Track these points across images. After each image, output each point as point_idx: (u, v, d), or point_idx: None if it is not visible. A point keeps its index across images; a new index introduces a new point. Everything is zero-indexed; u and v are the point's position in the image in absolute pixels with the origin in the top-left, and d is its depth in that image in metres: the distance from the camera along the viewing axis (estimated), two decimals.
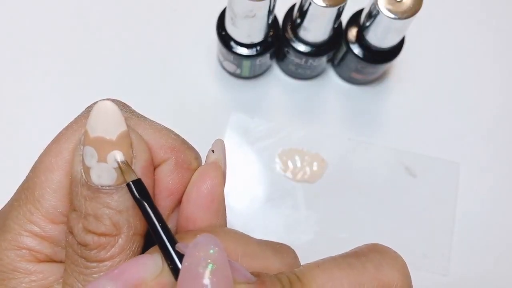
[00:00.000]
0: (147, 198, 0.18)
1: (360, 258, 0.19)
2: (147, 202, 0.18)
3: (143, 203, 0.18)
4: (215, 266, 0.16)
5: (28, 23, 0.46)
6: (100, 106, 0.19)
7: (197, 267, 0.16)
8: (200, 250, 0.16)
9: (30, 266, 0.20)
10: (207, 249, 0.16)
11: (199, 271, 0.16)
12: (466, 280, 0.43)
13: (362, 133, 0.46)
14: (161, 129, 0.22)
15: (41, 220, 0.20)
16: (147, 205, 0.18)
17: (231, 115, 0.45)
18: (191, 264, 0.16)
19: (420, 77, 0.48)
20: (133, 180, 0.18)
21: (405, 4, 0.36)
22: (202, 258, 0.16)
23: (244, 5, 0.35)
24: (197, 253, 0.16)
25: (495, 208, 0.45)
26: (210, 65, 0.46)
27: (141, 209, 0.18)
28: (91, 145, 0.18)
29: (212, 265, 0.16)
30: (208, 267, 0.16)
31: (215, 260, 0.16)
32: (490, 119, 0.47)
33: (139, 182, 0.18)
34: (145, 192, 0.18)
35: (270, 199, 0.43)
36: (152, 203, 0.18)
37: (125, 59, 0.46)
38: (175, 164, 0.21)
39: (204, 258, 0.16)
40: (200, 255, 0.16)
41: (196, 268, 0.16)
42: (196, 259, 0.16)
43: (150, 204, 0.18)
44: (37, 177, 0.20)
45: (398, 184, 0.45)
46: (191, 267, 0.16)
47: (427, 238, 0.44)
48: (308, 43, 0.41)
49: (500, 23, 0.50)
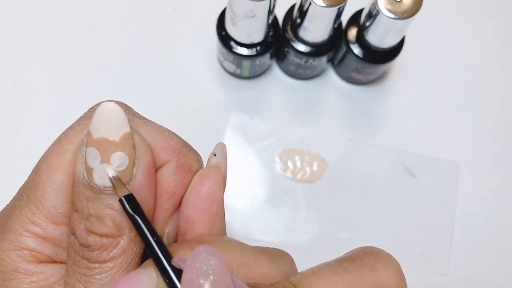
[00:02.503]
0: (140, 213, 0.18)
1: (355, 262, 0.19)
2: (140, 217, 0.18)
3: (135, 218, 0.18)
4: (216, 277, 0.16)
5: (29, 23, 0.46)
6: (103, 107, 0.19)
7: (198, 278, 0.16)
8: (200, 261, 0.16)
9: (31, 267, 0.20)
10: (208, 260, 0.16)
11: (201, 282, 0.16)
12: (466, 280, 0.43)
13: (362, 133, 0.46)
14: (163, 131, 0.22)
15: (42, 220, 0.20)
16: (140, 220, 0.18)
17: (231, 115, 0.45)
18: (192, 276, 0.16)
19: (420, 77, 0.48)
20: (125, 195, 0.18)
21: (405, 4, 0.36)
22: (203, 269, 0.16)
23: (244, 5, 0.35)
24: (197, 264, 0.16)
25: (495, 208, 0.45)
26: (210, 65, 0.46)
27: (134, 224, 0.18)
28: (94, 146, 0.18)
29: (213, 276, 0.16)
30: (209, 277, 0.16)
31: (216, 271, 0.16)
32: (490, 119, 0.47)
33: (131, 197, 0.18)
34: (137, 206, 0.18)
35: (270, 199, 0.43)
36: (145, 217, 0.18)
37: (125, 59, 0.46)
38: (176, 166, 0.21)
39: (205, 269, 0.16)
40: (200, 266, 0.16)
41: (198, 279, 0.16)
42: (197, 270, 0.16)
43: (144, 218, 0.18)
44: (39, 178, 0.20)
45: (398, 184, 0.45)
46: (193, 278, 0.16)
47: (427, 238, 0.44)
48: (308, 43, 0.41)
49: (500, 23, 0.50)
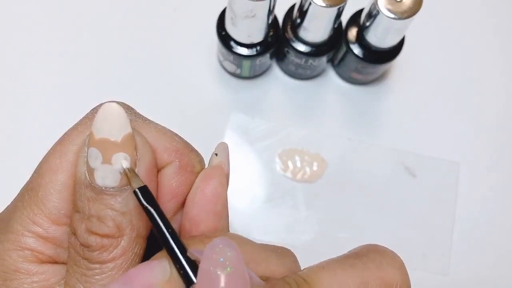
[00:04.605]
0: (154, 205, 0.18)
1: (361, 258, 0.19)
2: (154, 209, 0.18)
3: (150, 210, 0.18)
4: (233, 269, 0.16)
5: (29, 23, 0.46)
6: (105, 108, 0.19)
7: (215, 269, 0.16)
8: (217, 252, 0.16)
9: (32, 267, 0.20)
10: (225, 252, 0.16)
11: (217, 273, 0.16)
12: (466, 280, 0.43)
13: (362, 133, 0.46)
14: (166, 132, 0.22)
15: (44, 221, 0.20)
16: (154, 211, 0.18)
17: (231, 115, 0.45)
18: (209, 266, 0.16)
19: (420, 77, 0.48)
20: (139, 187, 0.18)
21: (405, 4, 0.36)
22: (220, 260, 0.16)
23: (244, 5, 0.35)
24: (214, 256, 0.16)
25: (495, 208, 0.45)
26: (210, 65, 0.46)
27: (149, 215, 0.18)
28: (96, 147, 0.18)
29: (230, 267, 0.16)
30: (226, 269, 0.16)
31: (232, 262, 0.16)
32: (490, 119, 0.48)
33: (145, 188, 0.18)
34: (152, 198, 0.18)
35: (270, 199, 0.43)
36: (159, 209, 0.18)
37: (125, 59, 0.46)
38: (179, 167, 0.21)
39: (222, 260, 0.16)
40: (218, 257, 0.16)
41: (214, 270, 0.16)
42: (214, 262, 0.16)
43: (158, 210, 0.18)
44: (41, 178, 0.20)
45: (398, 184, 0.45)
46: (210, 269, 0.16)
47: (427, 238, 0.44)
48: (308, 43, 0.41)
49: (500, 23, 0.51)
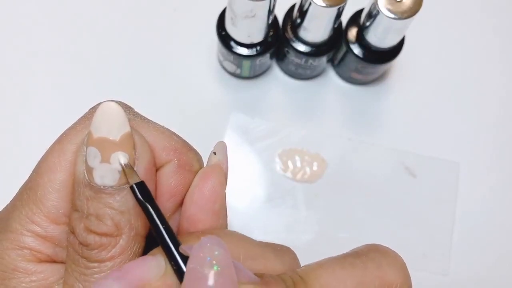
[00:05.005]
0: (150, 200, 0.18)
1: (361, 258, 0.19)
2: (150, 204, 0.18)
3: (146, 205, 0.18)
4: (220, 268, 0.16)
5: (29, 23, 0.46)
6: (104, 107, 0.19)
7: (202, 268, 0.16)
8: (205, 251, 0.16)
9: (31, 266, 0.20)
10: (212, 251, 0.16)
11: (204, 272, 0.16)
12: (466, 280, 0.43)
13: (362, 133, 0.46)
14: (164, 131, 0.22)
15: (43, 220, 0.20)
16: (150, 207, 0.18)
17: (231, 115, 0.45)
18: (196, 265, 0.16)
19: (420, 77, 0.48)
20: (136, 182, 0.18)
21: (405, 4, 0.36)
22: (207, 259, 0.16)
23: (244, 5, 0.35)
24: (202, 255, 0.16)
25: (495, 208, 0.45)
26: (210, 65, 0.46)
27: (145, 211, 0.18)
28: (95, 146, 0.18)
29: (217, 266, 0.16)
30: (213, 268, 0.16)
31: (220, 261, 0.16)
32: (490, 119, 0.47)
33: (142, 184, 0.18)
34: (148, 194, 0.18)
35: (270, 199, 0.43)
36: (155, 205, 0.18)
37: (125, 59, 0.46)
38: (177, 166, 0.21)
39: (209, 259, 0.16)
40: (205, 256, 0.16)
41: (202, 269, 0.16)
42: (201, 260, 0.16)
43: (154, 206, 0.18)
44: (40, 177, 0.20)
45: (398, 184, 0.45)
46: (196, 268, 0.16)
47: (427, 238, 0.44)
48: (308, 43, 0.41)
49: (500, 23, 0.50)
